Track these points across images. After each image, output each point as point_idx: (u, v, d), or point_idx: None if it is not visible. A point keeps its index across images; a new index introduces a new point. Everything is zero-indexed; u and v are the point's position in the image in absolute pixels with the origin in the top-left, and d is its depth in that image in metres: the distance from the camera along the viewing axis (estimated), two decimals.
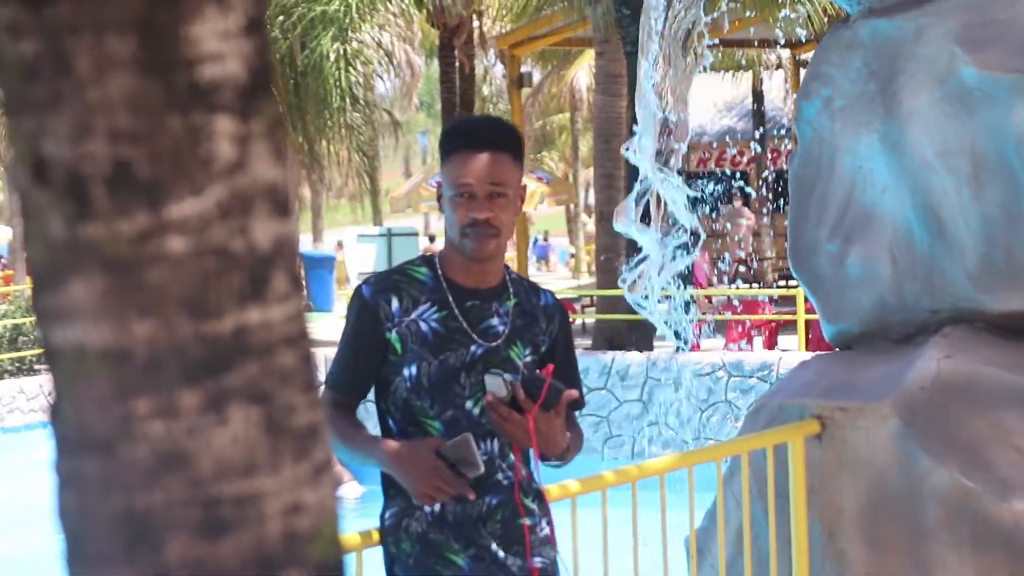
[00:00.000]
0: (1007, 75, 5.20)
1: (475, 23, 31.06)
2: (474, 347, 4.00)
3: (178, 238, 1.50)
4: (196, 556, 1.52)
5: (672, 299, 13.34)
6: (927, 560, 4.96)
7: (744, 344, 17.96)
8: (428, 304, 4.00)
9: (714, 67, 29.52)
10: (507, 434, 3.88)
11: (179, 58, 1.49)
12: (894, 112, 5.46)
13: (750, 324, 18.36)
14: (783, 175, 6.49)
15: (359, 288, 4.05)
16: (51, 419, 1.56)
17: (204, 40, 1.50)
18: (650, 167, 10.50)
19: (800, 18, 20.21)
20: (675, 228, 11.68)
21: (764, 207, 29.66)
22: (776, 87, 33.35)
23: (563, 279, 45.64)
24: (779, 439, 5.24)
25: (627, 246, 19.00)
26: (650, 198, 11.27)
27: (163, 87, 1.49)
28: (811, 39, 22.46)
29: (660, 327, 13.48)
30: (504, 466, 4.03)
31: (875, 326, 5.68)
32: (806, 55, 27.82)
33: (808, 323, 16.31)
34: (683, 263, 11.85)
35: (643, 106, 10.09)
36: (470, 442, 3.78)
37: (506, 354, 4.03)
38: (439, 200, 4.09)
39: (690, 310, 16.31)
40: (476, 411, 3.97)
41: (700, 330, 17.28)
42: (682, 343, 14.54)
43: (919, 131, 5.38)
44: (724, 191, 24.86)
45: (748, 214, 26.85)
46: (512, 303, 4.10)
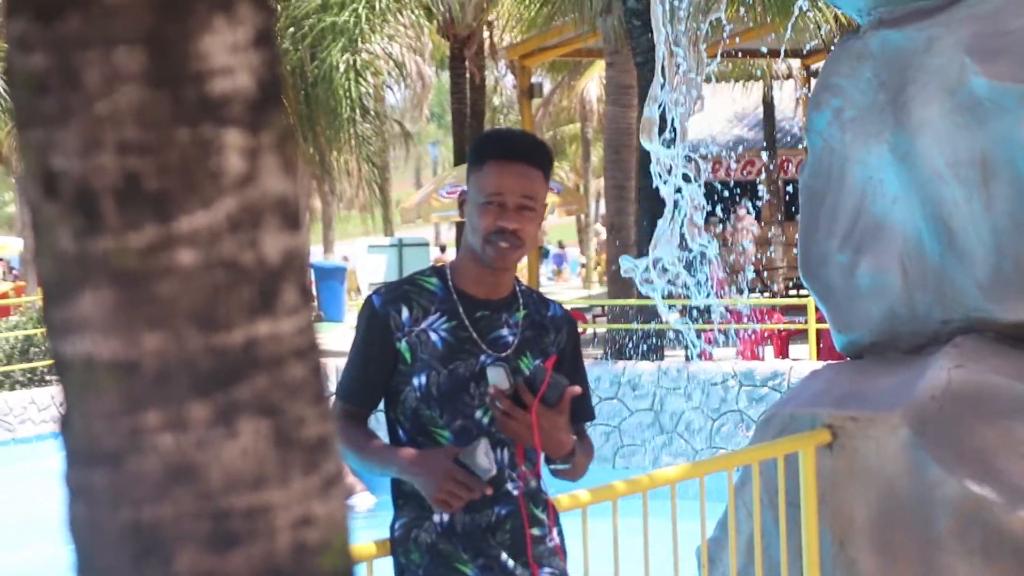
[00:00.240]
0: (1017, 85, 5.20)
1: (486, 34, 31.11)
2: (484, 357, 4.00)
3: (187, 251, 1.50)
4: (206, 569, 1.52)
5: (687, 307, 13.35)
6: (938, 570, 4.95)
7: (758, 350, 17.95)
8: (438, 314, 4.01)
9: (725, 77, 29.56)
10: (508, 430, 3.87)
11: (188, 71, 1.50)
12: (904, 123, 5.46)
13: (756, 335, 18.33)
14: (793, 185, 6.53)
15: (369, 298, 4.06)
16: (61, 431, 1.56)
17: (214, 53, 1.50)
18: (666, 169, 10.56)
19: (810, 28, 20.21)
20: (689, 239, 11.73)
21: (774, 216, 29.65)
22: (787, 97, 33.35)
23: (574, 289, 45.61)
24: (790, 448, 5.23)
25: (637, 256, 19.00)
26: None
27: (172, 100, 1.49)
28: (822, 49, 22.49)
29: (664, 313, 13.49)
30: (514, 476, 4.02)
31: (886, 336, 5.67)
32: (816, 65, 27.84)
33: (819, 332, 16.29)
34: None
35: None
36: (484, 445, 3.79)
37: (515, 364, 4.03)
38: (461, 207, 4.10)
39: (708, 316, 16.30)
40: (486, 420, 3.97)
41: (713, 339, 17.27)
42: (692, 343, 14.54)
43: (929, 141, 5.38)
44: (731, 201, 24.86)
45: (752, 223, 26.84)
46: (522, 314, 4.11)
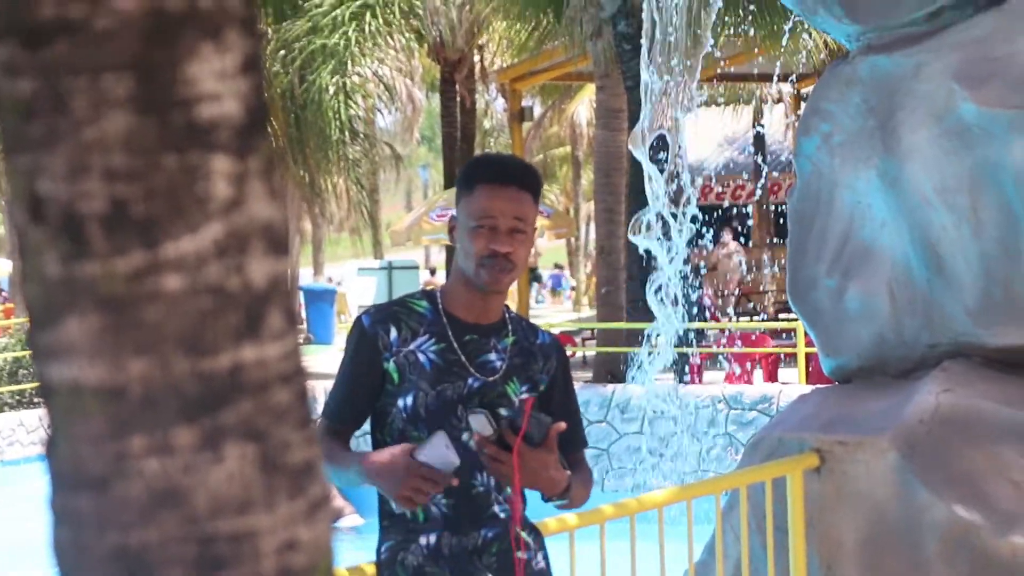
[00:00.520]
0: (1005, 111, 5.22)
1: (476, 57, 31.15)
2: (471, 380, 4.01)
3: (174, 276, 1.51)
4: None
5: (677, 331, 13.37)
6: None
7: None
8: (427, 336, 4.01)
9: (715, 101, 29.61)
10: (498, 474, 3.87)
11: (176, 98, 1.50)
12: (893, 148, 5.47)
13: (746, 358, 18.34)
14: (783, 208, 6.58)
15: (359, 318, 4.08)
16: (46, 455, 1.57)
17: (201, 80, 1.51)
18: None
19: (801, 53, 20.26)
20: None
21: (764, 240, 29.67)
22: (777, 121, 33.40)
23: (564, 312, 45.63)
24: (778, 472, 5.24)
25: (628, 280, 19.02)
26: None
27: (159, 126, 1.49)
28: (812, 74, 22.54)
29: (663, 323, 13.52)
30: (500, 499, 4.02)
31: (874, 361, 5.69)
32: (807, 89, 27.88)
33: (808, 356, 16.30)
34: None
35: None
36: (443, 437, 3.76)
37: (502, 389, 4.03)
38: (451, 232, 4.11)
39: (700, 341, 16.32)
40: (472, 443, 3.97)
41: (703, 363, 17.29)
42: (676, 365, 14.55)
43: (918, 167, 5.39)
44: (720, 225, 24.87)
45: (735, 248, 26.81)
46: (510, 340, 4.12)
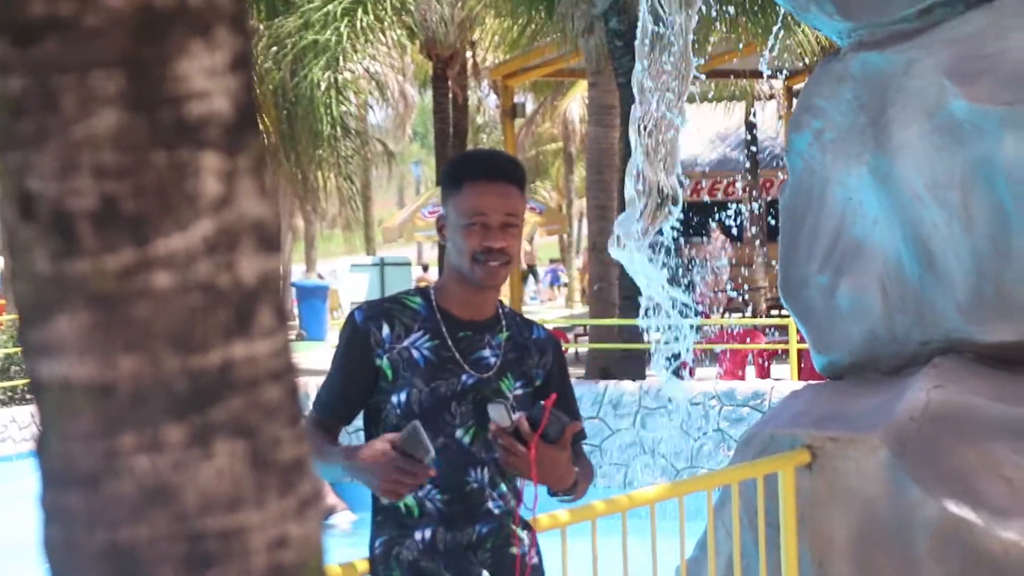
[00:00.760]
0: (996, 107, 5.22)
1: (468, 54, 31.16)
2: (465, 376, 4.02)
3: (164, 273, 1.51)
4: None
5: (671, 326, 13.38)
6: None
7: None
8: (421, 332, 4.02)
9: (707, 98, 29.61)
10: (510, 466, 3.88)
11: (165, 95, 1.50)
12: (884, 144, 5.48)
13: (737, 355, 18.37)
14: (775, 205, 6.57)
15: (352, 314, 4.08)
16: (37, 453, 1.57)
17: (191, 77, 1.51)
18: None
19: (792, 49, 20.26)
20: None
21: (756, 237, 29.68)
22: (769, 117, 33.40)
23: (556, 308, 45.65)
24: (769, 469, 5.24)
25: (620, 276, 19.03)
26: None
27: (149, 124, 1.49)
28: (804, 70, 22.54)
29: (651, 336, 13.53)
30: (495, 495, 4.03)
31: (865, 358, 5.69)
32: (799, 85, 27.89)
33: (800, 353, 16.31)
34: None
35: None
36: (418, 428, 3.77)
37: (496, 386, 4.04)
38: (440, 231, 4.11)
39: (694, 335, 16.32)
40: (467, 440, 3.98)
41: (695, 359, 17.29)
42: (672, 361, 14.57)
43: (909, 163, 5.40)
44: (712, 222, 24.90)
45: (721, 244, 26.79)
46: (504, 336, 4.12)
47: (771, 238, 27.35)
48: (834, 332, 5.76)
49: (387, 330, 4.01)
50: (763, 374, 18.36)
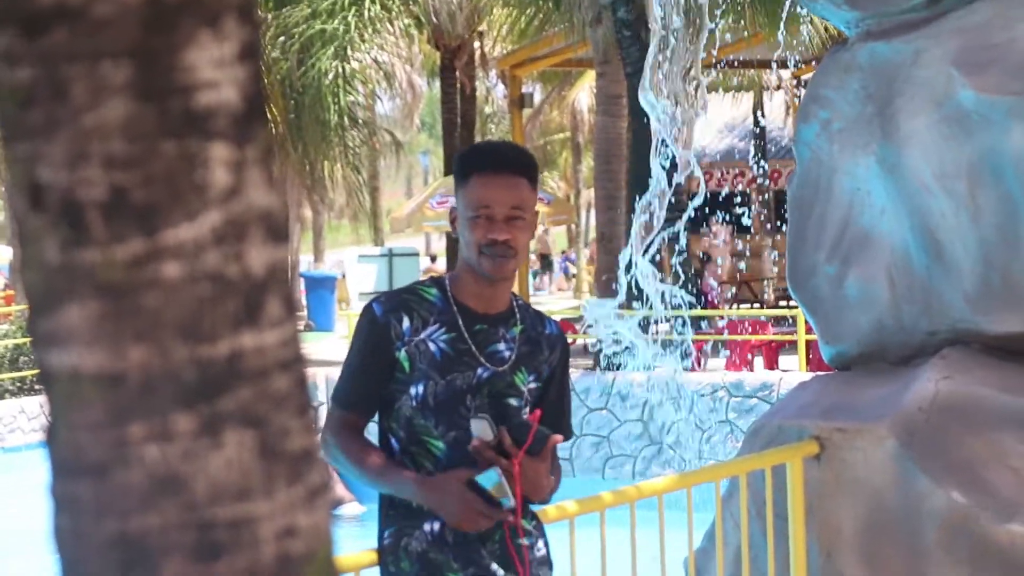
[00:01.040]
0: (1004, 97, 5.21)
1: (476, 44, 31.13)
2: (481, 370, 4.02)
3: (173, 263, 1.51)
4: None
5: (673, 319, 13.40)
6: None
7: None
8: (437, 325, 4.02)
9: (715, 88, 29.59)
10: None
11: (174, 85, 1.50)
12: (892, 134, 5.47)
13: (749, 345, 18.35)
14: (783, 195, 6.56)
15: (370, 306, 4.06)
16: (46, 442, 1.57)
17: (199, 67, 1.51)
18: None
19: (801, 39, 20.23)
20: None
21: (764, 227, 29.66)
22: (777, 107, 33.36)
23: (564, 299, 45.62)
24: (777, 460, 5.24)
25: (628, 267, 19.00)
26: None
27: (158, 114, 1.50)
28: (812, 60, 22.50)
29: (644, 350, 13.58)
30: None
31: (873, 348, 5.69)
32: (807, 76, 27.85)
33: (809, 343, 16.29)
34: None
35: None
36: (500, 476, 3.81)
37: (511, 379, 4.06)
38: (453, 223, 4.12)
39: (698, 327, 16.32)
40: (471, 447, 3.99)
41: (702, 350, 17.28)
42: (681, 356, 14.57)
43: (917, 153, 5.39)
44: (723, 212, 24.85)
45: (722, 236, 26.68)
46: (518, 329, 4.13)
47: (779, 228, 27.32)
48: (842, 322, 5.75)
49: (407, 323, 4.00)
50: (771, 365, 18.34)
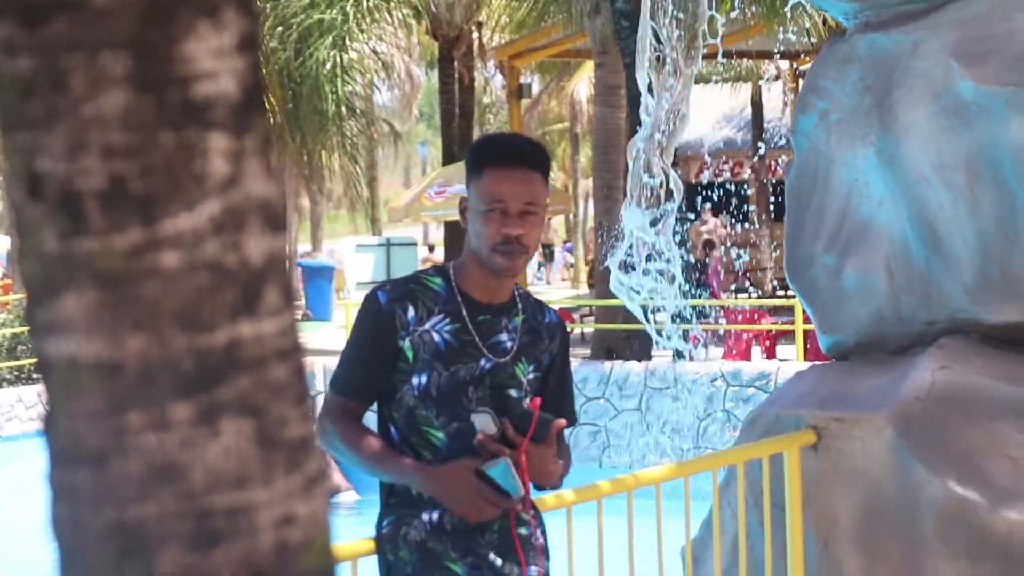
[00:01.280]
0: (1003, 89, 5.22)
1: (474, 34, 31.11)
2: (483, 361, 4.02)
3: (171, 253, 1.51)
4: (188, 568, 1.53)
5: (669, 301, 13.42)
6: (922, 571, 4.97)
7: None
8: (441, 315, 4.02)
9: (710, 78, 29.58)
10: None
11: (173, 75, 1.51)
12: (890, 125, 5.47)
13: (747, 335, 18.36)
14: (782, 185, 6.56)
15: (374, 294, 4.04)
16: (44, 431, 1.57)
17: (198, 58, 1.52)
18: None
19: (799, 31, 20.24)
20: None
21: (762, 217, 29.67)
22: (775, 98, 33.36)
23: (562, 289, 45.64)
24: (775, 449, 5.25)
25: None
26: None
27: (157, 104, 1.50)
28: (810, 51, 22.50)
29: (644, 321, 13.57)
30: None
31: (871, 338, 5.69)
32: (805, 67, 27.85)
33: (807, 333, 16.32)
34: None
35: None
36: (510, 465, 3.82)
37: (512, 370, 4.06)
38: (463, 214, 4.10)
39: (699, 318, 16.32)
40: (475, 442, 3.99)
41: (700, 340, 17.29)
42: (678, 343, 14.57)
43: (915, 144, 5.40)
44: (721, 202, 24.88)
45: (711, 225, 26.71)
46: (520, 319, 4.13)
47: (777, 219, 27.33)
48: (840, 312, 5.76)
49: (412, 312, 4.00)
50: (769, 355, 18.36)
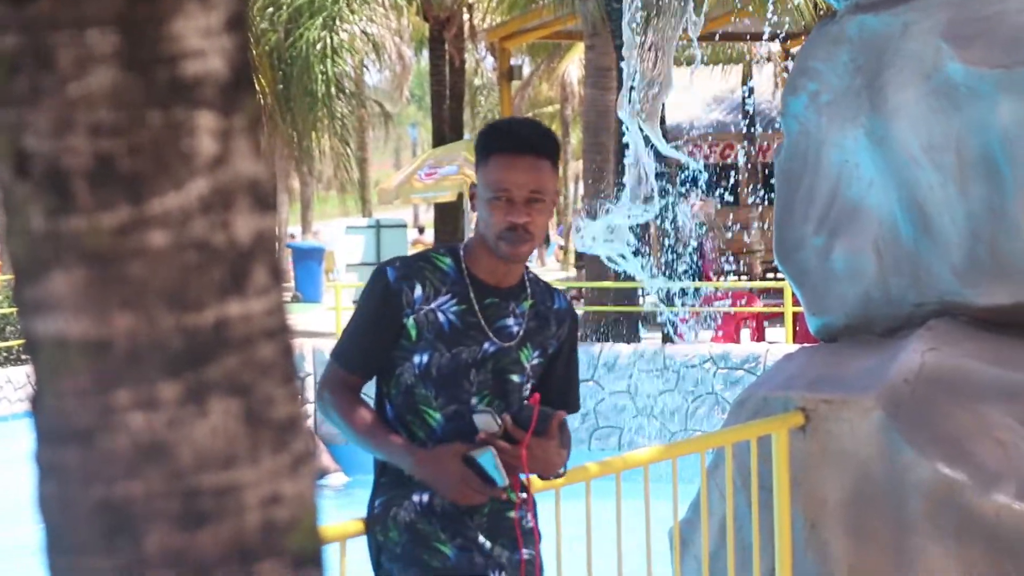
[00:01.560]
0: (992, 70, 5.22)
1: (465, 16, 31.07)
2: (487, 344, 4.01)
3: (159, 232, 1.51)
4: (175, 546, 1.54)
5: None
6: (910, 552, 4.98)
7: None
8: (448, 296, 4.01)
9: (702, 60, 29.56)
10: (506, 466, 3.90)
11: (161, 54, 1.50)
12: (880, 107, 5.47)
13: (732, 317, 18.37)
14: (771, 168, 6.55)
15: (383, 270, 4.02)
16: (32, 410, 1.57)
17: (186, 37, 1.51)
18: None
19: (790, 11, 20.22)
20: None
21: (752, 200, 29.65)
22: (766, 80, 33.31)
23: (552, 271, 45.65)
24: (763, 431, 5.26)
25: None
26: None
27: (144, 82, 1.50)
28: (801, 33, 22.49)
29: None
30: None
31: (860, 320, 5.70)
32: (796, 49, 27.81)
33: (796, 316, 16.33)
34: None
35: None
36: (495, 455, 3.83)
37: (516, 355, 4.05)
38: (472, 199, 4.10)
39: (692, 300, 16.33)
40: (480, 407, 3.99)
41: (692, 321, 17.30)
42: (671, 325, 14.60)
43: (905, 126, 5.40)
44: (709, 185, 24.83)
45: (700, 206, 26.60)
46: (528, 304, 4.12)
47: (767, 201, 27.32)
48: (829, 294, 5.76)
49: (419, 290, 3.99)
50: (758, 337, 18.37)
